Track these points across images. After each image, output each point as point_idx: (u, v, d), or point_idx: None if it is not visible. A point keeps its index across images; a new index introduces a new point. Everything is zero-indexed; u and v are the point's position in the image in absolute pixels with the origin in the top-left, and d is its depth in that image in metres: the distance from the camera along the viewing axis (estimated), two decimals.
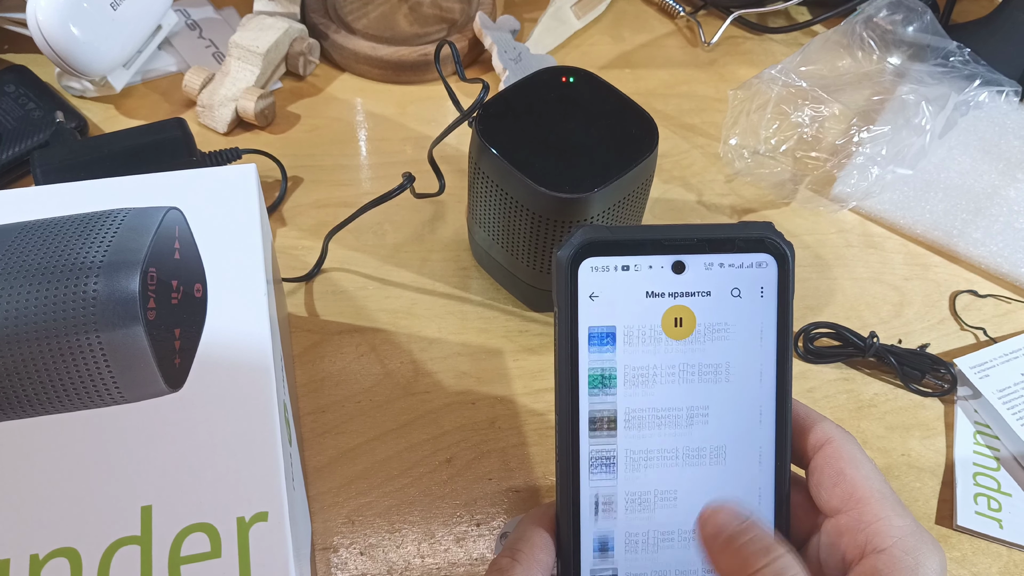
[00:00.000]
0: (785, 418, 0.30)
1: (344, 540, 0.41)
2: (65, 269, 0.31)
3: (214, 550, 0.28)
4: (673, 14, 0.70)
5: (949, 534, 0.43)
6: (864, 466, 0.29)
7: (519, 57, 0.62)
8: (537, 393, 0.47)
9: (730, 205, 0.57)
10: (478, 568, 0.40)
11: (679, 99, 0.64)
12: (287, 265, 0.51)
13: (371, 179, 0.56)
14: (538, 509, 0.30)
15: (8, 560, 0.27)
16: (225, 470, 0.29)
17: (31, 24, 0.51)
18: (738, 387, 0.29)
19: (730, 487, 0.30)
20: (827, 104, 0.56)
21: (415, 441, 0.44)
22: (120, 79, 0.58)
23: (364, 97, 0.62)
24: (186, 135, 0.51)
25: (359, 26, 0.63)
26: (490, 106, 0.44)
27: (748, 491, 0.30)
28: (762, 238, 0.29)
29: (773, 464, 0.30)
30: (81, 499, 0.28)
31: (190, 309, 0.32)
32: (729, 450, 0.29)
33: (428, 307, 0.50)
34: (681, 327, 0.29)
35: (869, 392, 0.48)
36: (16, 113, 0.55)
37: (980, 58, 0.61)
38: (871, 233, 0.56)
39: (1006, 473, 0.45)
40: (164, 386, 0.30)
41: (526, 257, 0.45)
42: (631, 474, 0.29)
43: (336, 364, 0.47)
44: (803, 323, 0.50)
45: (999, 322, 0.52)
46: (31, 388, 0.29)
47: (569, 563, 0.29)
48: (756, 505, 0.30)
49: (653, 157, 0.43)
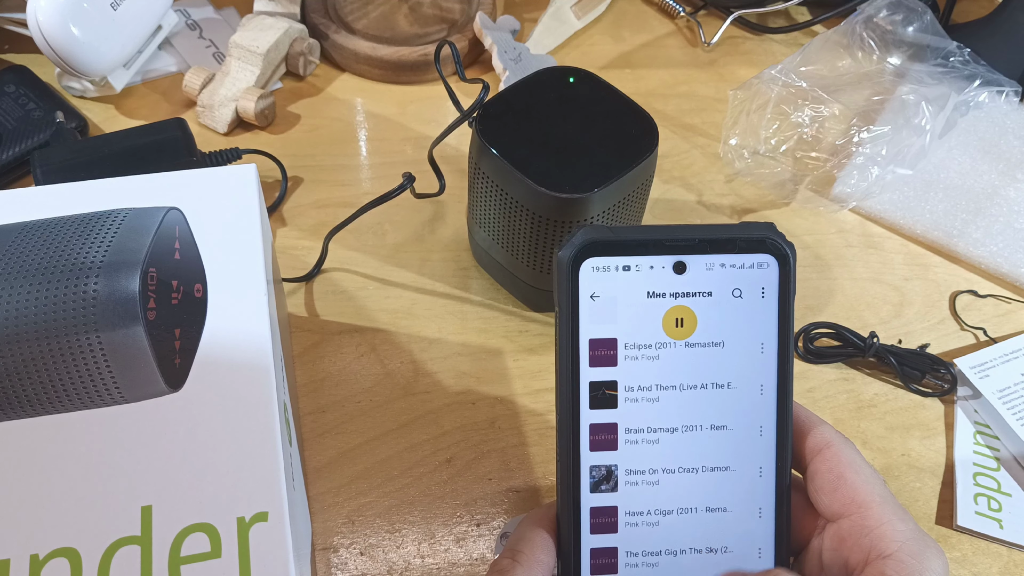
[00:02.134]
0: (786, 416, 0.30)
1: (344, 540, 0.41)
2: (65, 269, 0.31)
3: (214, 550, 0.28)
4: (673, 14, 0.70)
5: (949, 534, 0.43)
6: (864, 470, 0.29)
7: (519, 57, 0.62)
8: (537, 393, 0.47)
9: (730, 205, 0.57)
10: (478, 568, 0.40)
11: (679, 99, 0.64)
12: (287, 265, 0.51)
13: (371, 179, 0.56)
14: (538, 509, 0.30)
15: (8, 560, 0.27)
16: (225, 470, 0.29)
17: (31, 24, 0.51)
18: (739, 387, 0.29)
19: (730, 487, 0.30)
20: (827, 104, 0.56)
21: (415, 441, 0.44)
22: (120, 79, 0.58)
23: (364, 97, 0.61)
24: (186, 135, 0.51)
25: (359, 26, 0.63)
26: (490, 106, 0.44)
27: (748, 491, 0.30)
28: (763, 239, 0.29)
29: (774, 464, 0.30)
30: (81, 499, 0.28)
31: (190, 309, 0.32)
32: (729, 449, 0.29)
33: (428, 307, 0.50)
34: (682, 327, 0.29)
35: (869, 392, 0.48)
36: (16, 113, 0.55)
37: (980, 58, 0.61)
38: (871, 233, 0.56)
39: (1006, 473, 0.45)
40: (164, 386, 0.30)
41: (526, 257, 0.45)
42: (632, 474, 0.29)
43: (336, 364, 0.47)
44: (803, 323, 0.50)
45: (999, 322, 0.52)
46: (31, 388, 0.29)
47: (569, 563, 0.29)
48: (755, 508, 0.30)
49: (653, 157, 0.43)
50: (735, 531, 0.30)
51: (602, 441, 0.29)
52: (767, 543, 0.30)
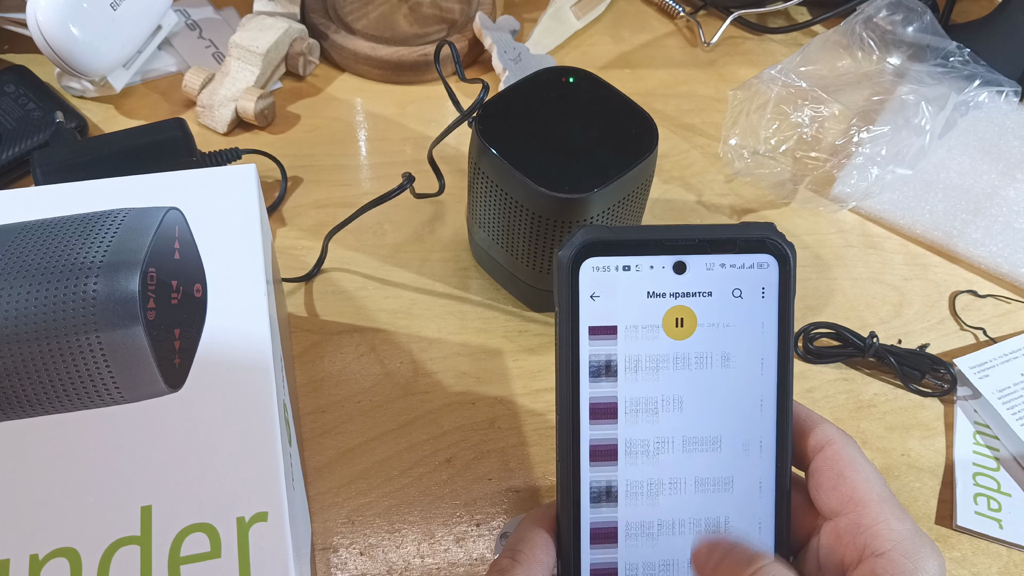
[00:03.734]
0: (786, 419, 0.30)
1: (344, 540, 0.41)
2: (65, 269, 0.31)
3: (214, 550, 0.28)
4: (673, 14, 0.70)
5: (949, 534, 0.43)
6: (864, 469, 0.29)
7: (519, 57, 0.62)
8: (537, 393, 0.47)
9: (730, 205, 0.57)
10: (478, 568, 0.40)
11: (679, 99, 0.64)
12: (287, 265, 0.51)
13: (371, 179, 0.56)
14: (538, 509, 0.30)
15: (8, 560, 0.27)
16: (225, 470, 0.29)
17: (31, 24, 0.51)
18: (739, 387, 0.29)
19: (730, 486, 0.30)
20: (827, 104, 0.56)
21: (415, 441, 0.44)
22: (120, 79, 0.58)
23: (364, 97, 0.62)
24: (186, 135, 0.51)
25: (359, 26, 0.63)
26: (490, 106, 0.44)
27: (749, 491, 0.30)
28: (763, 239, 0.29)
29: (774, 464, 0.30)
30: (81, 499, 0.28)
31: (190, 309, 0.32)
32: (730, 450, 0.29)
33: (428, 307, 0.50)
34: (682, 327, 0.29)
35: (869, 392, 0.48)
36: (16, 113, 0.55)
37: (980, 58, 0.61)
38: (871, 233, 0.56)
39: (1006, 473, 0.45)
40: (164, 386, 0.30)
41: (526, 257, 0.45)
42: (632, 474, 0.29)
43: (336, 364, 0.47)
44: (803, 323, 0.50)
45: (999, 322, 0.52)
46: (31, 388, 0.29)
47: (569, 563, 0.29)
48: (755, 503, 0.30)
49: (653, 157, 0.43)
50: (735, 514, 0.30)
51: (602, 441, 0.29)
52: (767, 549, 0.30)
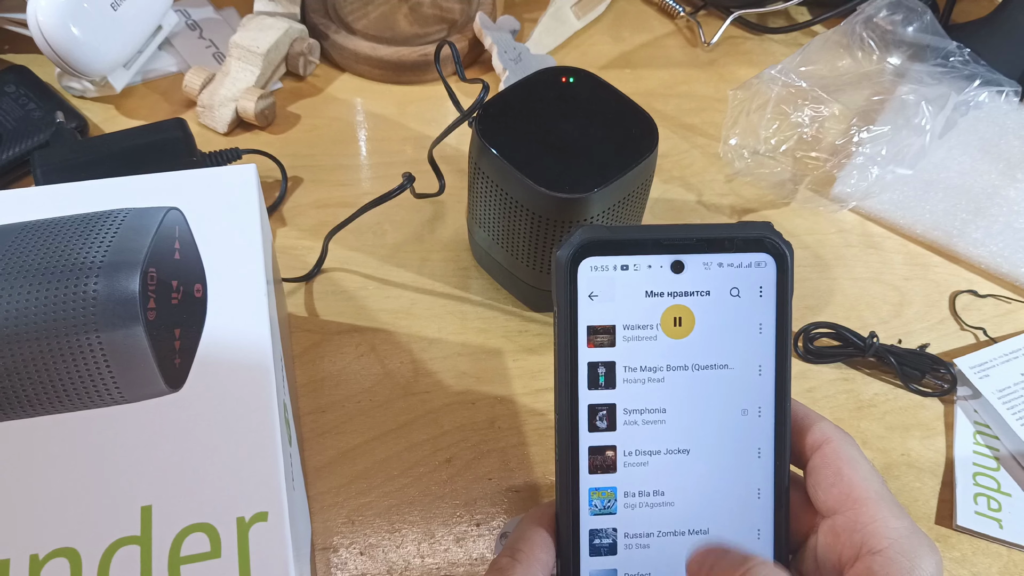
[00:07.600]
0: (784, 417, 0.30)
1: (344, 540, 0.41)
2: (65, 269, 0.31)
3: (214, 550, 0.28)
4: (673, 14, 0.70)
5: (949, 534, 0.43)
6: (862, 467, 0.29)
7: (519, 57, 0.62)
8: (537, 393, 0.47)
9: (730, 205, 0.57)
10: (478, 568, 0.40)
11: (679, 99, 0.64)
12: (287, 265, 0.51)
13: (371, 179, 0.56)
14: (538, 509, 0.30)
15: (8, 560, 0.27)
16: (225, 470, 0.29)
17: (31, 24, 0.51)
18: (737, 386, 0.29)
19: (729, 486, 0.30)
20: (827, 104, 0.56)
21: (415, 441, 0.44)
22: (120, 79, 0.58)
23: (364, 97, 0.62)
24: (186, 135, 0.51)
25: (359, 26, 0.64)
26: (490, 106, 0.44)
27: (747, 490, 0.30)
28: (761, 238, 0.29)
29: (773, 463, 0.30)
30: (81, 499, 0.28)
31: (190, 309, 0.32)
32: (729, 449, 0.30)
33: (428, 307, 0.50)
34: (680, 327, 0.29)
35: (869, 392, 0.48)
36: (16, 113, 0.55)
37: (980, 58, 0.60)
38: (871, 233, 0.56)
39: (1006, 473, 0.45)
40: (164, 386, 0.30)
41: (526, 257, 0.45)
42: (631, 473, 0.29)
43: (336, 364, 0.47)
44: (803, 323, 0.50)
45: (999, 322, 0.52)
46: (31, 388, 0.29)
47: (569, 562, 0.29)
48: (754, 504, 0.30)
49: (653, 157, 0.43)
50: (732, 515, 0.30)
51: (601, 440, 0.29)
52: (766, 550, 0.30)
